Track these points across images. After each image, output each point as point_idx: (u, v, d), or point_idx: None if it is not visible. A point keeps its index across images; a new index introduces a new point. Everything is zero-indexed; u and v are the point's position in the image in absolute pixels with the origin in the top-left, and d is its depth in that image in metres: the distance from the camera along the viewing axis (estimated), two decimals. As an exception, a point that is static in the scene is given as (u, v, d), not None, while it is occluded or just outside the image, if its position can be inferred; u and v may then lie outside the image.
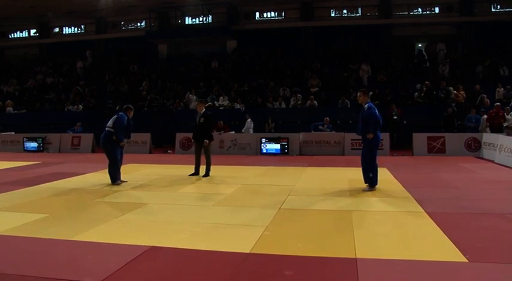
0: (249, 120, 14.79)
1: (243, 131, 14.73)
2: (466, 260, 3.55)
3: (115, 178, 7.65)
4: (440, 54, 18.37)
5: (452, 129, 13.35)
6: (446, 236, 4.21)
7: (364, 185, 6.87)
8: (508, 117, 12.98)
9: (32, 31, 26.29)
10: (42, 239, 4.29)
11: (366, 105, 6.76)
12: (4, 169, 10.09)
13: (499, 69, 16.68)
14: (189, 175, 8.57)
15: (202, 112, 8.59)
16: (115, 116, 7.77)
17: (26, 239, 4.29)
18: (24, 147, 15.19)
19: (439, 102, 14.89)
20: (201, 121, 8.48)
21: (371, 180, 6.79)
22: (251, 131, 14.71)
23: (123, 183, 7.71)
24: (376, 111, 6.71)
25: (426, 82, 15.48)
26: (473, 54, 18.50)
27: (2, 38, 26.47)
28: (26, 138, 15.31)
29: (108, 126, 7.64)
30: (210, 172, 8.58)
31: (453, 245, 3.94)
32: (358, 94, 7.10)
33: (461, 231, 4.44)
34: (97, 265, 3.56)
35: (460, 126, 13.70)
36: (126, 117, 7.77)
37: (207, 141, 8.44)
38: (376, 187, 6.83)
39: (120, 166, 7.83)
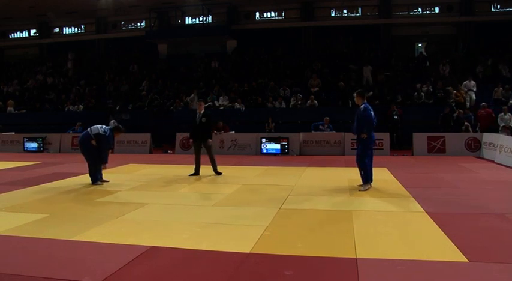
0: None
1: None
2: (467, 260, 3.55)
3: (95, 178, 7.65)
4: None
5: (448, 129, 13.35)
6: (446, 236, 4.20)
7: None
8: (506, 117, 13.01)
9: (32, 31, 26.29)
10: (42, 239, 4.29)
11: (362, 106, 6.83)
12: (4, 169, 10.09)
13: (499, 69, 16.66)
14: (189, 175, 8.57)
15: (202, 112, 8.62)
16: (103, 131, 7.52)
17: (26, 239, 4.28)
18: (24, 147, 15.18)
19: (436, 102, 14.90)
20: (203, 121, 8.50)
21: (363, 177, 6.85)
22: None
23: (105, 183, 7.71)
24: (372, 113, 6.75)
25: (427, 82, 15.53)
26: (473, 54, 18.50)
27: (2, 38, 26.46)
28: (26, 138, 15.30)
29: (91, 132, 7.52)
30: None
31: (453, 245, 3.93)
32: (354, 95, 7.20)
33: (461, 231, 4.44)
34: (97, 265, 3.56)
35: (458, 126, 13.67)
36: (112, 138, 7.71)
37: (211, 140, 8.55)
38: (371, 184, 6.87)
39: (101, 166, 7.81)
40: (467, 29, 20.44)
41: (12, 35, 26.59)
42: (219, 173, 8.62)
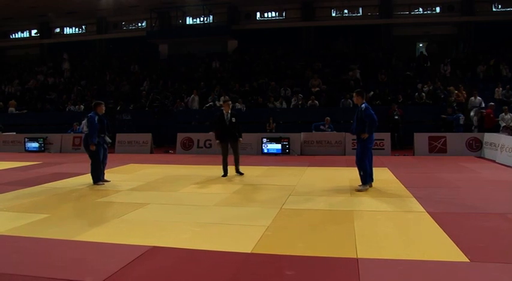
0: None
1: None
2: (468, 260, 3.55)
3: (97, 178, 7.66)
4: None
5: (451, 129, 13.34)
6: (447, 236, 4.20)
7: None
8: (507, 117, 12.99)
9: (33, 31, 26.38)
10: (43, 239, 4.30)
11: (363, 106, 6.78)
12: (5, 169, 10.10)
13: (500, 69, 16.64)
14: (222, 176, 8.49)
15: (230, 112, 8.67)
16: (87, 118, 7.72)
17: (26, 239, 4.29)
18: (25, 147, 15.20)
19: (434, 102, 14.87)
20: (233, 121, 8.62)
21: (362, 178, 6.83)
22: None
23: (106, 183, 7.72)
24: (373, 112, 6.74)
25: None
26: (474, 54, 18.48)
27: (3, 38, 26.52)
28: (27, 138, 15.32)
29: (85, 131, 7.72)
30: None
31: (454, 245, 3.93)
32: (354, 95, 7.23)
33: (462, 231, 4.43)
34: (98, 265, 3.56)
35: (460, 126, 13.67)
36: (96, 117, 7.64)
37: (241, 139, 8.79)
38: (371, 184, 6.87)
39: (105, 166, 7.86)
40: (468, 29, 20.44)
41: (13, 35, 26.67)
42: (241, 173, 8.64)
